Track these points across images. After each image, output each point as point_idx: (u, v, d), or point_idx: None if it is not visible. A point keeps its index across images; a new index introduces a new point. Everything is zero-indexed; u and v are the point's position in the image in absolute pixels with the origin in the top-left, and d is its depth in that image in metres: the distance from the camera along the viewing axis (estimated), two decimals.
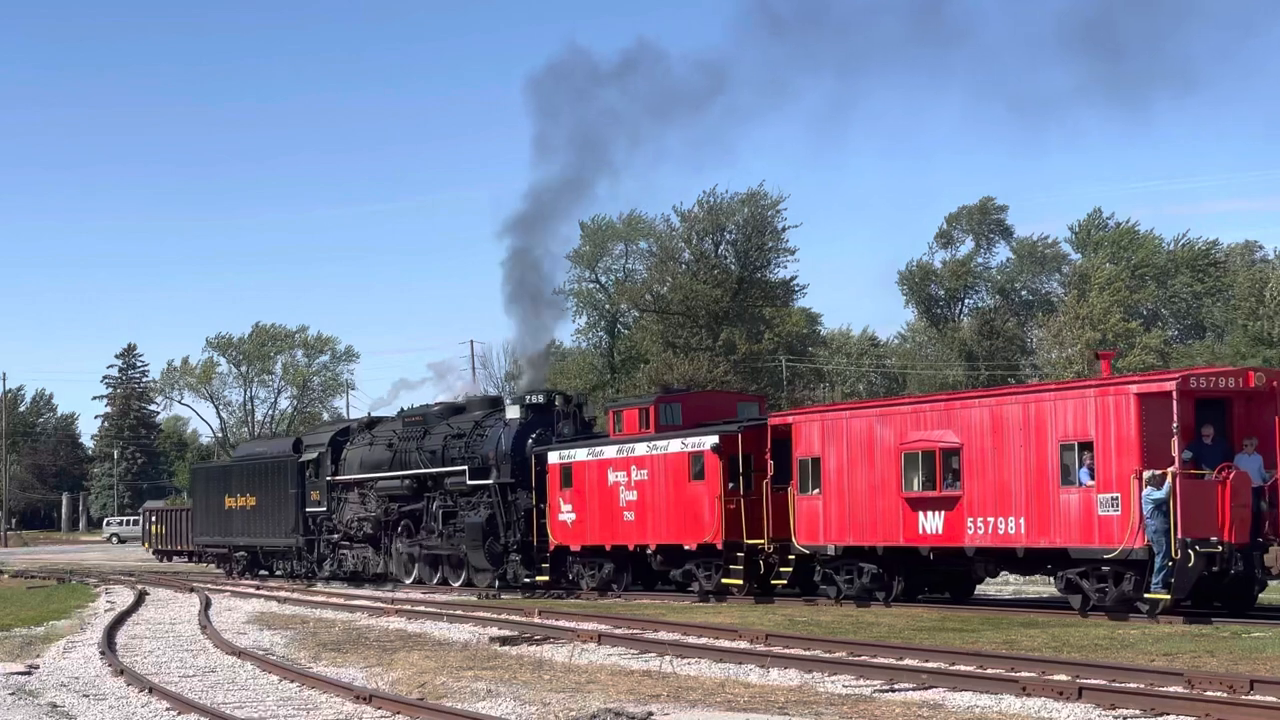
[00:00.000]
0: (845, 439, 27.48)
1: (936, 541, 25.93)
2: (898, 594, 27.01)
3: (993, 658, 17.78)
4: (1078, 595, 23.99)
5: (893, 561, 27.02)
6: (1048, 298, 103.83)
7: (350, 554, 42.48)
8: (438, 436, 38.91)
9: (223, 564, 51.19)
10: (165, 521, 72.90)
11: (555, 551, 34.63)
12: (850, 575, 27.58)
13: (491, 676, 17.96)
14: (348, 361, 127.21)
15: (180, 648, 23.12)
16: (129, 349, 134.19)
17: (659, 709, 14.65)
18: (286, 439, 50.82)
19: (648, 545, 32.01)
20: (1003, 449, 24.83)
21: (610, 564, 33.31)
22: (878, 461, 26.82)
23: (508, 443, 36.07)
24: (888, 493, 26.58)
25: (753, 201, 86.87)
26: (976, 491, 25.18)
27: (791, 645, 20.15)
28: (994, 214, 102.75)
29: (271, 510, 46.19)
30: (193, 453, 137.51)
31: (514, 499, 35.68)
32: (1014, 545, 24.67)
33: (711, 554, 30.41)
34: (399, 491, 40.07)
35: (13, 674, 19.49)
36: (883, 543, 26.78)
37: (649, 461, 31.92)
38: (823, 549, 27.87)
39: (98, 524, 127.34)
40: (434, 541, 38.59)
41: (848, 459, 27.38)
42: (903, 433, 26.47)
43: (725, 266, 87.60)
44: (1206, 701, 13.91)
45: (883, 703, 15.11)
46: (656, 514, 31.68)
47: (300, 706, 15.92)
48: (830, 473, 27.67)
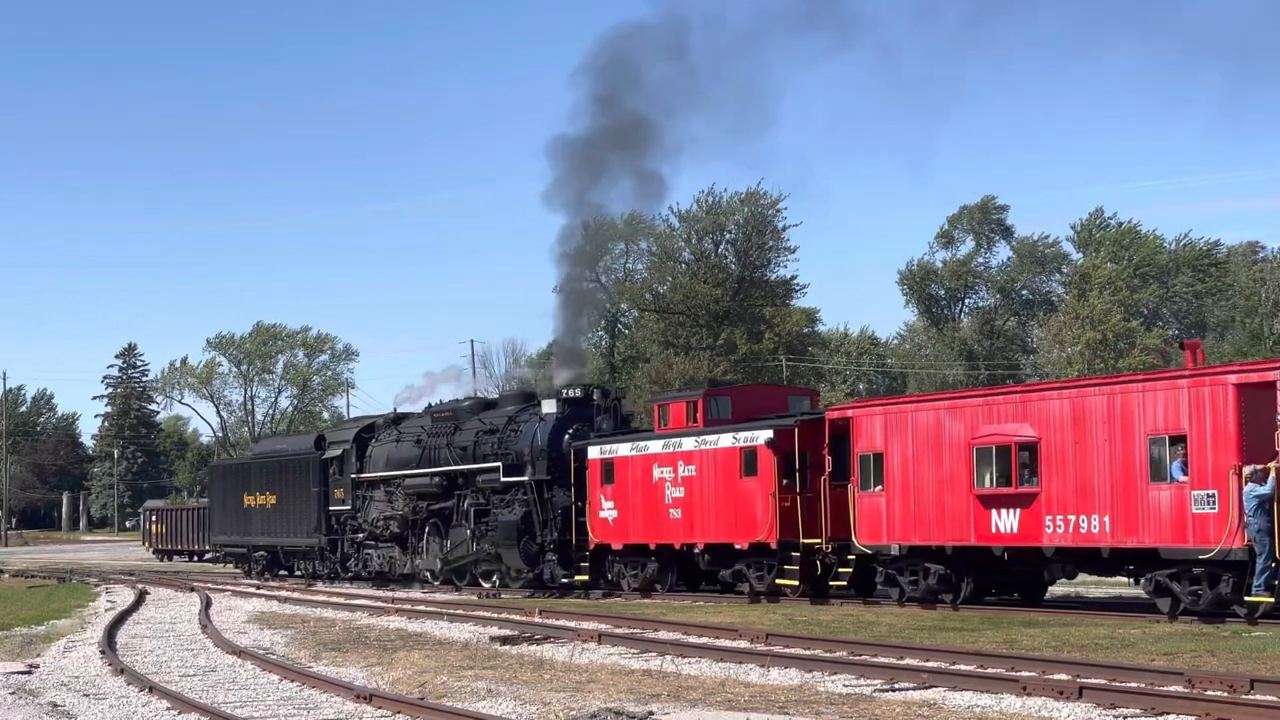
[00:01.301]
0: (911, 433, 26.45)
1: (1011, 541, 24.87)
2: (966, 596, 26.10)
3: (993, 657, 17.77)
4: (1166, 598, 22.93)
5: (962, 562, 26.04)
6: (1048, 297, 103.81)
7: (376, 554, 41.40)
8: (469, 432, 37.65)
9: (241, 564, 50.09)
10: (165, 521, 73.10)
11: (595, 550, 33.50)
12: (915, 576, 26.63)
13: (492, 676, 17.95)
14: (347, 360, 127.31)
15: (180, 647, 23.10)
16: (129, 348, 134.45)
17: (659, 708, 14.63)
18: (307, 436, 48.95)
19: (695, 544, 30.93)
20: (1085, 443, 23.75)
21: (654, 563, 32.26)
22: (946, 457, 25.81)
23: (544, 438, 34.85)
24: (957, 489, 25.59)
25: (752, 201, 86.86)
26: (1056, 488, 24.15)
27: (792, 645, 20.15)
28: (995, 214, 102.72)
29: (293, 509, 45.07)
30: (193, 452, 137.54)
31: (550, 496, 34.59)
32: (1098, 545, 23.59)
33: (764, 554, 29.38)
34: (428, 489, 38.87)
35: (13, 673, 19.48)
36: (952, 542, 25.77)
37: (697, 457, 30.80)
38: (885, 549, 26.90)
39: (98, 523, 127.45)
40: (465, 540, 37.32)
41: (913, 454, 26.36)
42: (974, 426, 25.47)
43: (725, 266, 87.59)
44: (1207, 701, 13.89)
45: (883, 702, 15.10)
46: (705, 511, 30.60)
47: (300, 706, 15.91)
48: (894, 469, 26.67)
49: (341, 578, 42.67)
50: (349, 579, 42.25)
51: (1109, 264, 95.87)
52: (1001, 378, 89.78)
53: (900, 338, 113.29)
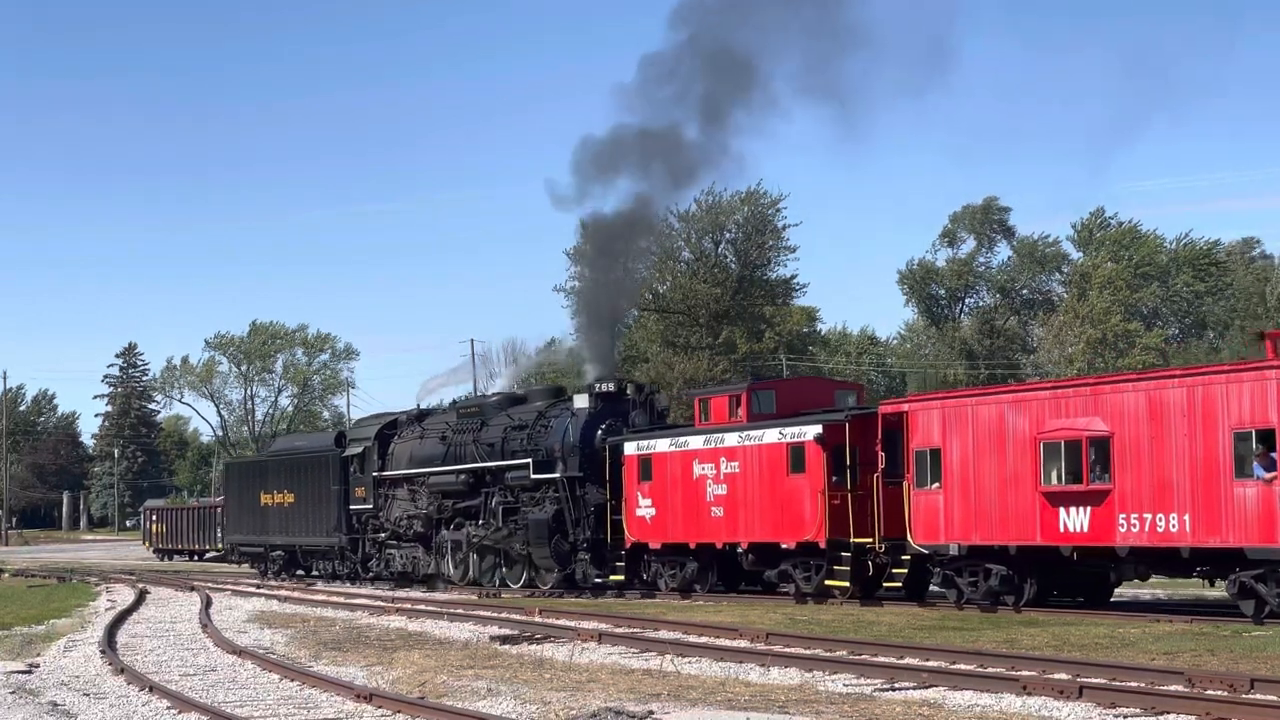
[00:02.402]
0: (971, 428, 25.46)
1: (1081, 540, 23.82)
2: (1030, 598, 25.08)
3: (993, 656, 17.78)
4: (1250, 600, 22.02)
5: (1025, 562, 25.02)
6: (1049, 297, 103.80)
7: (399, 554, 40.31)
8: (496, 428, 36.54)
9: (257, 564, 48.90)
10: (166, 520, 73.14)
11: (631, 549, 32.46)
12: (975, 577, 25.66)
13: (492, 675, 17.95)
14: (347, 359, 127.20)
15: (181, 646, 23.10)
16: (129, 348, 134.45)
17: (659, 708, 14.63)
18: (327, 433, 47.00)
19: (738, 543, 29.83)
20: (1162, 438, 22.74)
21: (694, 563, 31.23)
22: (1010, 452, 24.78)
23: (575, 434, 33.88)
24: (1022, 487, 24.57)
25: (752, 200, 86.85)
26: (1130, 485, 23.12)
27: (792, 644, 20.15)
28: (997, 214, 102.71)
29: (312, 507, 43.98)
30: (193, 452, 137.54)
31: (583, 494, 33.60)
32: (1176, 545, 22.54)
33: (812, 554, 28.38)
34: (453, 487, 37.74)
35: (13, 673, 19.46)
36: (1015, 541, 24.71)
37: (741, 453, 29.75)
38: (944, 549, 25.85)
39: (98, 523, 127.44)
40: (493, 539, 36.27)
41: (974, 450, 25.36)
42: (1040, 421, 24.42)
43: (725, 265, 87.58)
44: (1207, 700, 13.89)
45: (883, 701, 15.10)
46: (749, 509, 29.54)
47: (301, 705, 15.91)
48: (953, 465, 25.65)
49: (362, 578, 41.77)
50: (370, 579, 41.39)
51: (1109, 264, 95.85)
52: (1002, 377, 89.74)
53: (900, 337, 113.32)
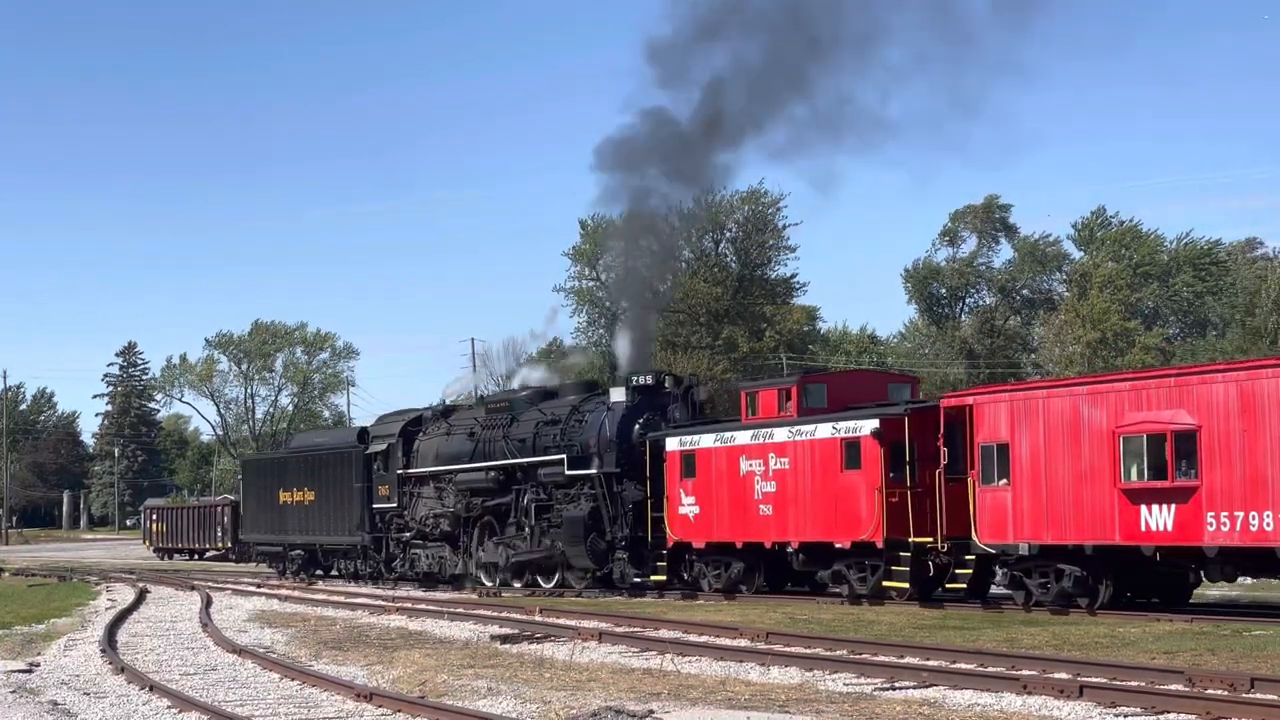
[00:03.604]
0: (1042, 422, 24.34)
1: (1165, 540, 22.70)
2: (1105, 600, 24.03)
3: (993, 656, 17.77)
4: None
5: (1101, 563, 23.98)
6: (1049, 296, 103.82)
7: (424, 554, 39.15)
8: (528, 424, 35.45)
9: (275, 563, 47.74)
10: (166, 519, 73.16)
11: (673, 549, 31.31)
12: (1045, 578, 24.65)
13: (492, 675, 17.94)
14: (347, 358, 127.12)
15: (181, 645, 23.10)
16: (129, 347, 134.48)
17: (659, 707, 14.63)
18: (349, 429, 45.65)
19: (788, 543, 28.72)
20: (1256, 431, 21.65)
21: (739, 563, 30.18)
22: (1085, 447, 23.68)
23: (612, 428, 32.73)
24: (1098, 483, 23.46)
25: (752, 200, 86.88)
26: (1220, 481, 22.00)
27: (792, 643, 20.16)
28: (998, 212, 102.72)
29: (333, 506, 42.96)
30: (193, 451, 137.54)
31: (620, 490, 32.47)
32: (1272, 545, 21.51)
33: (867, 554, 27.33)
34: (482, 484, 36.59)
35: (13, 672, 19.46)
36: (1091, 541, 23.61)
37: (791, 448, 28.61)
38: (1012, 548, 24.77)
39: (99, 522, 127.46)
40: (524, 539, 35.19)
41: (1045, 444, 24.25)
42: (1118, 413, 23.31)
43: (725, 265, 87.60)
44: (1207, 700, 13.89)
45: (883, 701, 15.10)
46: (800, 507, 28.41)
47: (301, 704, 15.91)
48: (1022, 460, 24.56)
49: (386, 578, 40.74)
50: (394, 580, 40.36)
51: (1109, 263, 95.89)
52: (1002, 376, 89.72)
53: (900, 336, 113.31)
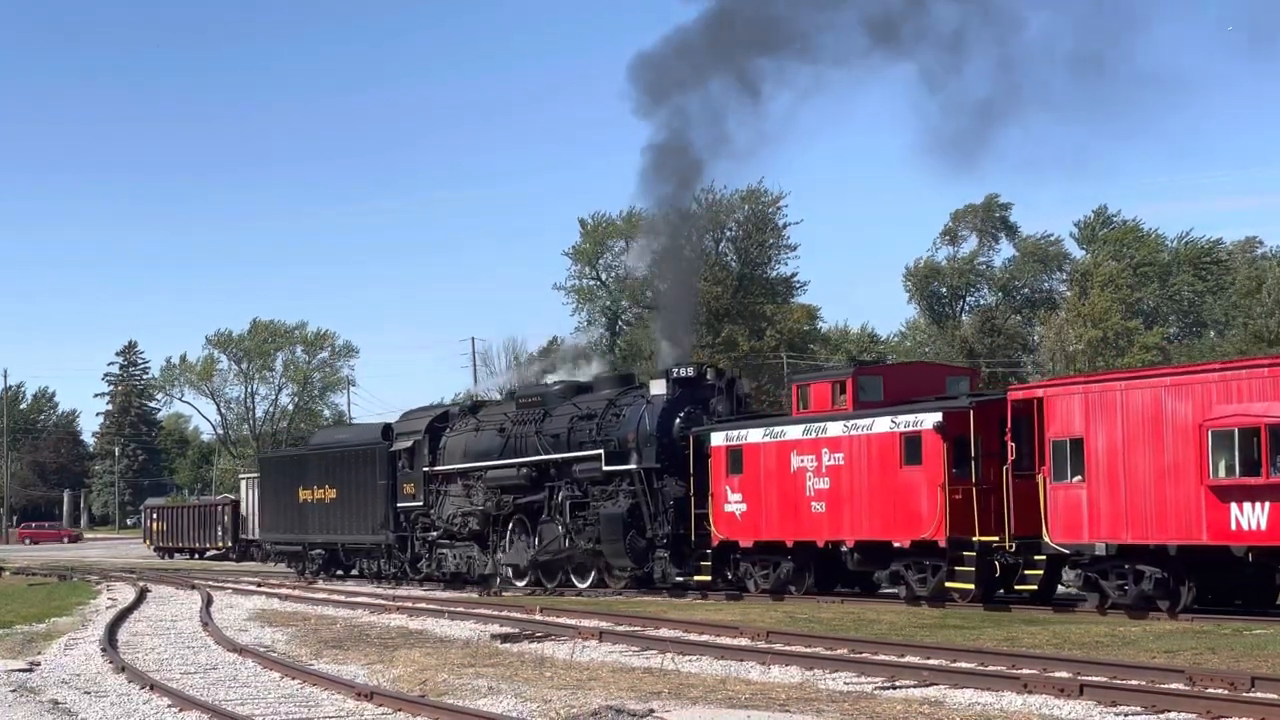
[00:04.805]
0: (1120, 415, 23.28)
1: (1258, 540, 21.61)
2: (1188, 603, 22.96)
3: (994, 655, 17.77)
4: None
5: (1185, 563, 22.85)
6: (1050, 295, 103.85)
7: (451, 553, 38.23)
8: (561, 418, 34.58)
9: (294, 563, 46.75)
10: (167, 519, 73.21)
11: (718, 548, 30.40)
12: (1123, 580, 23.58)
13: (493, 674, 17.95)
14: (347, 357, 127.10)
15: (181, 645, 23.10)
16: (129, 346, 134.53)
17: (660, 706, 14.63)
18: (372, 425, 45.23)
19: (842, 542, 27.82)
20: None
21: (789, 563, 29.17)
22: (1169, 442, 22.62)
23: (652, 423, 31.81)
24: (1183, 480, 22.41)
25: (753, 199, 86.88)
26: None
27: (793, 643, 20.16)
28: (999, 211, 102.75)
29: (356, 504, 41.98)
30: (194, 450, 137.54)
31: (661, 486, 31.57)
32: None
33: (927, 553, 26.43)
34: (513, 481, 35.69)
35: (14, 671, 19.46)
36: (1176, 540, 22.51)
37: (846, 443, 27.68)
38: (1087, 548, 23.75)
39: (99, 521, 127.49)
40: (558, 537, 34.33)
41: (1123, 439, 23.20)
42: (1206, 406, 22.28)
43: (725, 264, 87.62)
44: (1208, 699, 13.90)
45: (884, 700, 15.10)
46: (855, 505, 27.50)
47: (301, 704, 15.91)
48: (1098, 456, 23.48)
49: (411, 579, 39.91)
50: (419, 580, 39.56)
51: (1110, 262, 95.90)
52: (1003, 376, 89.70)
53: (901, 335, 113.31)
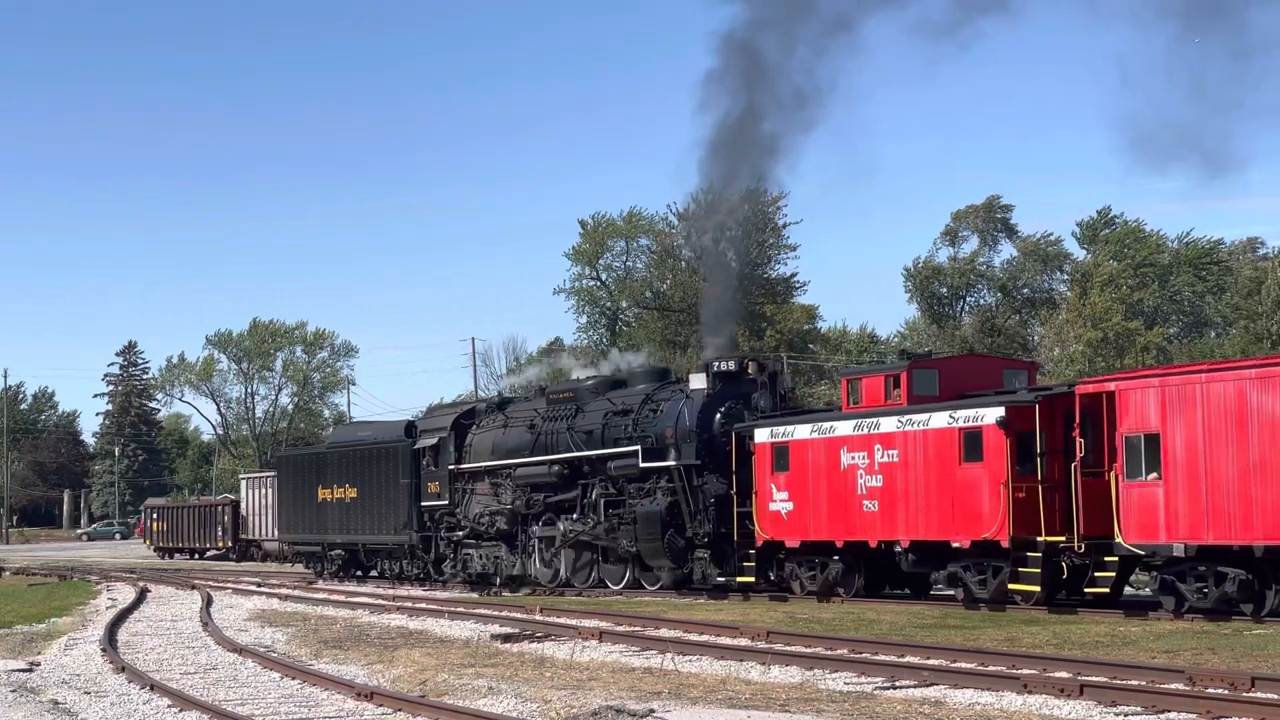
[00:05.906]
0: (1200, 410, 22.40)
1: None
2: (1274, 606, 21.95)
3: (994, 655, 17.77)
4: None
5: (1270, 565, 22.03)
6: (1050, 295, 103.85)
7: (478, 554, 37.43)
8: (595, 414, 33.69)
9: (312, 563, 45.83)
10: (167, 519, 73.20)
11: (763, 548, 29.53)
12: (1203, 582, 22.63)
13: (493, 674, 17.95)
14: (347, 356, 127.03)
15: (181, 645, 23.11)
16: (129, 346, 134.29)
17: (660, 706, 14.63)
18: (395, 423, 44.57)
19: (896, 542, 26.79)
20: None
21: (838, 563, 28.28)
22: (1254, 437, 21.70)
23: (691, 418, 30.92)
24: (1271, 478, 21.50)
25: (753, 198, 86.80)
26: None
27: (793, 643, 20.16)
28: (1000, 212, 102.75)
29: (378, 503, 41.18)
30: (194, 450, 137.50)
31: (701, 484, 30.70)
32: None
33: (989, 553, 25.41)
34: (544, 479, 34.81)
35: (14, 671, 19.47)
36: (1264, 541, 21.59)
37: (900, 439, 26.76)
38: (1164, 549, 22.82)
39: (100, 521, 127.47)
40: (591, 534, 33.53)
41: (1203, 435, 22.32)
42: None
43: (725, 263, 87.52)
44: (1208, 699, 13.90)
45: (884, 700, 15.11)
46: (911, 503, 26.52)
47: (301, 704, 15.92)
48: (1175, 453, 22.62)
49: (435, 580, 39.11)
50: (444, 582, 38.74)
51: (1111, 262, 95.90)
52: None
53: (901, 335, 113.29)
